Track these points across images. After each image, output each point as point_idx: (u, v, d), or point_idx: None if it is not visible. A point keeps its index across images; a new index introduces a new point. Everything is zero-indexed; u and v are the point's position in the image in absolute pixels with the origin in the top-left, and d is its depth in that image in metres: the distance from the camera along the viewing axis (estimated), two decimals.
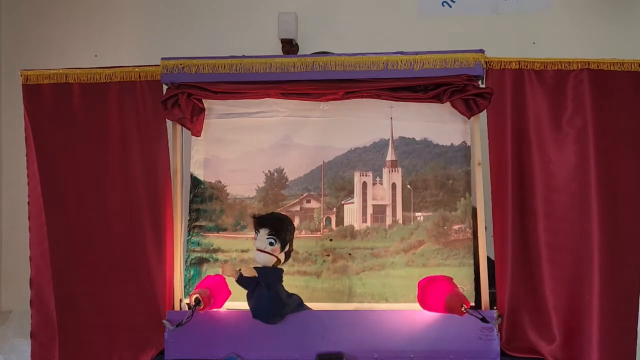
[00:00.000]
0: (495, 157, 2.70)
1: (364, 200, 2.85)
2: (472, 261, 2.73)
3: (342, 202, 2.85)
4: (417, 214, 2.81)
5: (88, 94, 2.79)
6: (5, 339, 3.38)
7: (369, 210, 2.84)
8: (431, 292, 2.55)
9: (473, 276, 2.72)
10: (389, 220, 2.83)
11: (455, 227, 2.78)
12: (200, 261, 2.85)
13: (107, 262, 2.75)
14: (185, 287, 2.80)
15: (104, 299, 2.73)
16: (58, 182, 2.79)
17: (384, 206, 2.84)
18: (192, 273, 2.83)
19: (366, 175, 2.86)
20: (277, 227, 2.55)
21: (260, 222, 2.56)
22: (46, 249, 2.77)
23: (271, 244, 2.53)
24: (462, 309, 2.42)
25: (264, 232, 2.53)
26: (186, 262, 2.85)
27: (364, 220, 2.81)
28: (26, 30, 4.04)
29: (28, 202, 2.80)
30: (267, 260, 2.54)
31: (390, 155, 2.85)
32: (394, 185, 2.84)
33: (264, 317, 2.56)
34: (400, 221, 2.82)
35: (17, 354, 3.26)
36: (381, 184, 2.85)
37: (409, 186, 2.83)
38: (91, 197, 2.78)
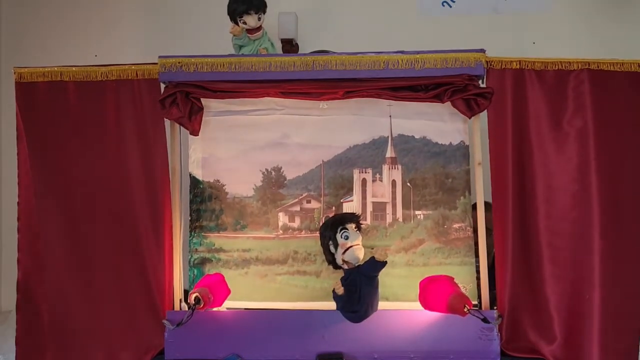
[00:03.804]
0: (495, 157, 2.70)
1: (364, 197, 2.83)
2: (473, 260, 2.73)
3: (341, 201, 2.84)
4: (417, 212, 2.80)
5: (84, 93, 2.77)
6: (5, 339, 3.36)
7: (369, 208, 2.83)
8: (433, 292, 2.55)
9: (475, 275, 2.72)
10: (389, 218, 2.81)
11: (456, 225, 2.77)
12: (203, 261, 2.83)
13: (106, 262, 2.73)
14: (189, 287, 2.78)
15: (103, 299, 2.72)
16: (53, 182, 2.76)
17: (384, 204, 2.82)
18: (195, 273, 2.82)
19: (366, 172, 2.84)
20: (358, 219, 2.64)
21: (343, 220, 2.60)
22: (38, 250, 2.73)
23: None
24: (465, 310, 2.41)
25: (351, 227, 2.58)
26: (189, 262, 2.83)
27: (364, 219, 2.78)
28: (26, 30, 4.03)
29: (18, 202, 2.76)
30: (364, 253, 2.59)
31: (389, 152, 2.83)
32: (393, 183, 2.83)
33: (365, 314, 2.56)
34: (401, 219, 2.80)
35: None
36: (381, 180, 2.84)
37: (408, 184, 2.82)
38: (88, 197, 2.76)
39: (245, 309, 2.75)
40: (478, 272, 2.72)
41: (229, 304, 2.73)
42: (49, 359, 2.72)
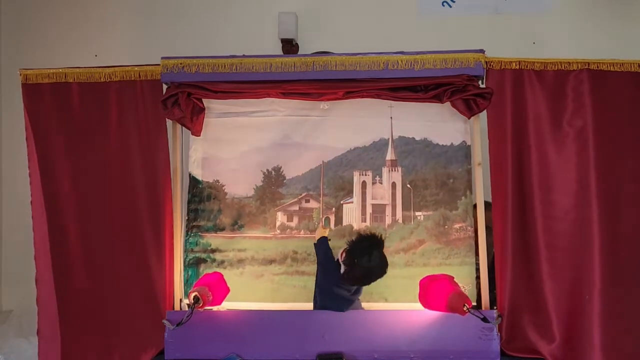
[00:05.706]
0: (495, 157, 2.69)
1: (363, 199, 2.84)
2: (473, 260, 2.73)
3: (342, 202, 2.85)
4: (417, 213, 2.80)
5: (88, 93, 2.79)
6: (6, 339, 3.38)
7: (368, 210, 2.83)
8: (433, 291, 2.55)
9: (475, 275, 2.71)
10: (388, 219, 2.82)
11: (456, 225, 2.77)
12: (198, 262, 2.83)
13: (108, 261, 2.75)
14: (184, 288, 2.79)
15: (104, 298, 2.74)
16: (59, 181, 2.78)
17: (384, 205, 2.83)
18: (189, 274, 2.82)
19: (365, 175, 2.84)
20: None
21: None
22: (49, 247, 2.76)
23: None
24: (465, 309, 2.42)
25: None
26: (184, 262, 2.84)
27: (363, 220, 2.79)
28: (26, 29, 4.05)
29: (31, 202, 2.80)
30: None
31: (390, 155, 2.84)
32: (393, 185, 2.84)
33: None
34: (400, 220, 2.81)
35: (17, 354, 3.26)
36: (381, 183, 2.84)
37: (408, 185, 2.82)
38: (91, 197, 2.78)
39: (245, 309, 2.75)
40: (478, 271, 2.72)
41: (225, 304, 2.73)
42: (60, 353, 2.75)
